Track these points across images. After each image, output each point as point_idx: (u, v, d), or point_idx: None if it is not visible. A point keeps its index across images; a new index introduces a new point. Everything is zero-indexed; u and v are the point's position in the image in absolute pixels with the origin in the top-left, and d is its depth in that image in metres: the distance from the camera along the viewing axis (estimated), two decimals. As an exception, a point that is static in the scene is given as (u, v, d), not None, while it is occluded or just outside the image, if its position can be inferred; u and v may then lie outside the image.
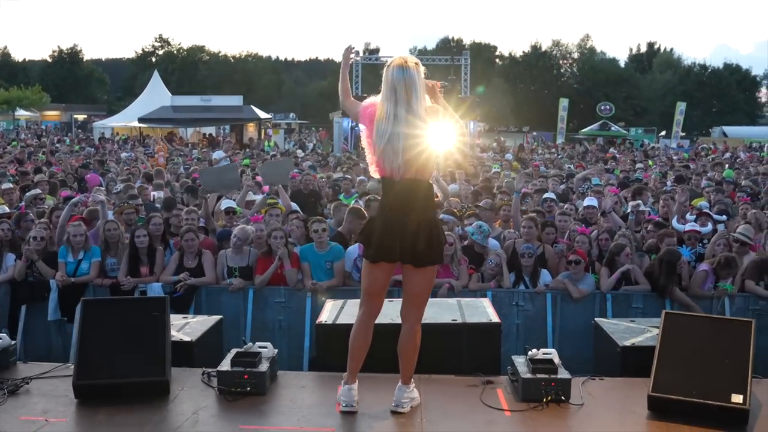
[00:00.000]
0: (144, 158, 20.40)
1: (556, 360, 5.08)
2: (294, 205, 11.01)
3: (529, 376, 4.91)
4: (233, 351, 5.17)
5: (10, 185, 12.48)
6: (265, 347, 5.23)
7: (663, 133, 56.20)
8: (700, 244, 9.46)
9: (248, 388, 4.92)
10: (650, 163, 24.11)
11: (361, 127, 4.73)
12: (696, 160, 26.87)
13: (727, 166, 21.74)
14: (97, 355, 4.92)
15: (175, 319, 5.94)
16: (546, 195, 11.83)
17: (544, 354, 5.11)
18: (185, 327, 6.00)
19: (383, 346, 4.77)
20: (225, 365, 5.05)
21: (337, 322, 5.74)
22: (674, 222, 10.26)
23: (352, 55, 4.97)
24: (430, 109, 4.59)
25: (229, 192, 11.03)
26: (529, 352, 5.10)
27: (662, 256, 8.40)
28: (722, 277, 8.35)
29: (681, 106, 48.82)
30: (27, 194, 11.97)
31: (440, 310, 5.90)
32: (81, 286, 8.35)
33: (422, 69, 4.61)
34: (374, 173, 4.73)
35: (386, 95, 4.52)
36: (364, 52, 59.67)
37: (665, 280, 8.21)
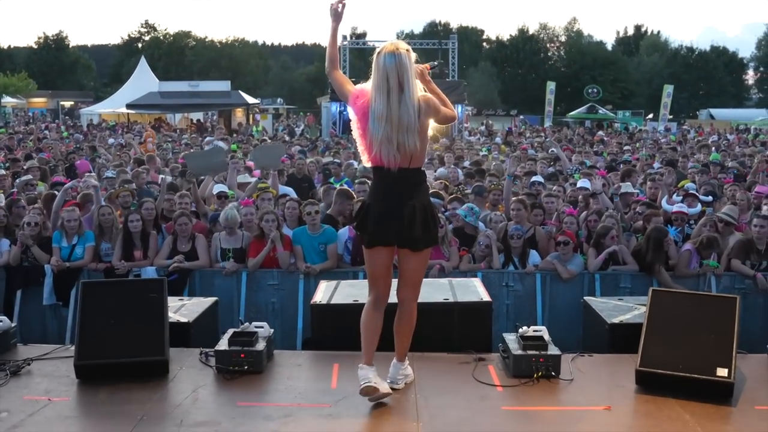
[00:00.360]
0: (136, 144, 20.36)
1: (546, 337, 5.21)
2: (289, 189, 11.09)
3: (520, 352, 5.04)
4: (230, 331, 5.28)
5: (2, 172, 12.50)
6: (262, 327, 5.34)
7: (650, 116, 56.37)
8: (687, 225, 9.58)
9: (245, 367, 5.03)
10: (636, 146, 24.23)
11: (351, 115, 4.67)
12: (683, 142, 27.04)
13: (714, 148, 21.86)
14: (96, 336, 5.02)
15: (172, 301, 6.01)
16: (534, 178, 11.94)
17: (534, 331, 5.23)
18: (182, 309, 6.09)
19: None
20: (222, 345, 5.15)
21: (331, 302, 5.84)
22: (663, 203, 10.38)
23: (339, 8, 4.72)
24: (422, 97, 4.54)
25: (217, 174, 11.09)
26: (520, 330, 5.23)
27: (649, 233, 8.56)
28: (705, 256, 8.49)
29: (668, 89, 48.94)
30: (18, 180, 12.02)
31: (432, 290, 5.98)
32: (75, 270, 8.41)
33: (413, 55, 4.55)
34: (366, 162, 4.70)
35: (378, 84, 4.45)
36: (351, 36, 59.42)
37: (652, 256, 8.36)
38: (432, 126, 4.70)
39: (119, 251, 8.55)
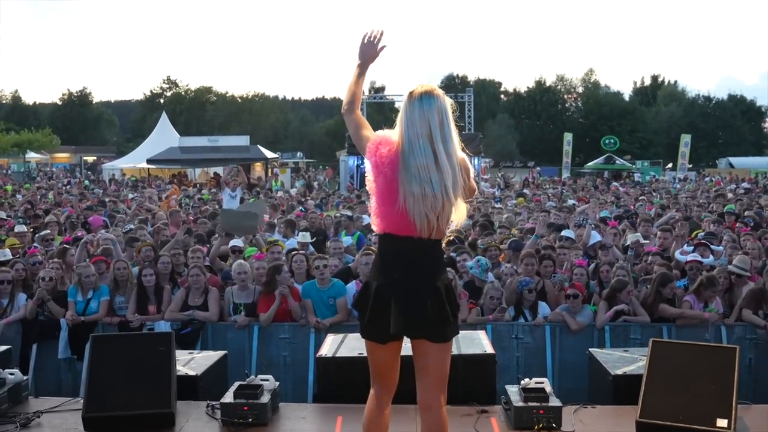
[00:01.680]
0: (155, 201, 20.61)
1: (548, 389, 5.25)
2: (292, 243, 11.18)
3: (521, 404, 5.09)
4: (236, 384, 5.37)
5: (24, 228, 12.75)
6: (267, 380, 5.42)
7: (669, 165, 56.35)
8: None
9: (250, 419, 5.11)
10: (654, 200, 24.17)
11: (368, 166, 3.85)
12: (699, 192, 26.99)
13: (731, 197, 21.83)
14: (105, 389, 5.12)
15: (181, 355, 6.13)
16: (564, 233, 11.70)
17: (536, 383, 5.29)
18: (190, 362, 6.19)
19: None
20: (228, 397, 5.24)
21: (337, 355, 5.92)
22: (677, 254, 10.35)
23: (375, 41, 4.05)
24: (461, 157, 3.83)
25: (245, 235, 11.14)
26: (522, 381, 5.28)
27: (654, 278, 8.63)
28: (707, 297, 8.47)
29: (686, 138, 49.01)
30: (37, 235, 12.28)
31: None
32: (90, 324, 8.52)
33: (451, 102, 3.85)
34: (377, 226, 3.91)
35: (415, 130, 3.70)
36: (370, 90, 60.27)
37: (653, 298, 8.43)
38: None
39: (133, 305, 8.68)
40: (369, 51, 4.05)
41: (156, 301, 8.77)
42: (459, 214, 3.82)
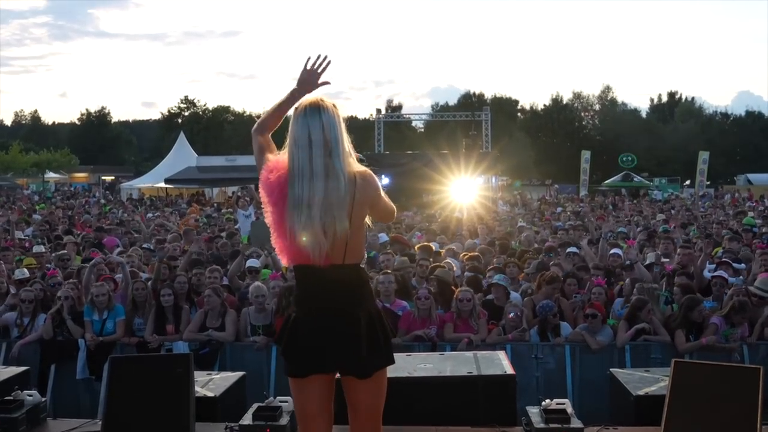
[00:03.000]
0: (174, 220, 20.69)
1: (569, 410, 5.20)
2: None
3: (542, 425, 5.03)
4: (255, 405, 5.34)
5: (42, 248, 12.83)
6: (286, 401, 5.39)
7: (687, 182, 56.09)
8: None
9: (270, 441, 5.07)
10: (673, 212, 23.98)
11: (261, 193, 3.60)
12: (717, 209, 26.75)
13: (750, 214, 21.63)
14: (123, 411, 5.10)
15: (199, 376, 6.10)
16: (569, 249, 11.79)
17: (557, 404, 5.23)
18: (209, 383, 6.16)
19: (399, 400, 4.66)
20: (247, 419, 5.21)
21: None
22: (705, 273, 10.21)
23: (321, 78, 3.74)
24: (360, 172, 3.56)
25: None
26: (543, 403, 5.23)
27: (681, 303, 8.51)
28: (736, 322, 8.35)
29: (704, 155, 48.79)
30: (53, 255, 12.37)
31: (457, 364, 6.02)
32: (109, 345, 8.55)
33: (341, 113, 3.60)
34: (284, 261, 3.68)
35: (297, 144, 3.46)
36: (387, 109, 60.48)
37: (679, 322, 8.34)
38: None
39: (151, 325, 8.70)
40: (309, 79, 3.72)
41: (174, 321, 8.78)
42: (357, 237, 3.57)
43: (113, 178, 68.73)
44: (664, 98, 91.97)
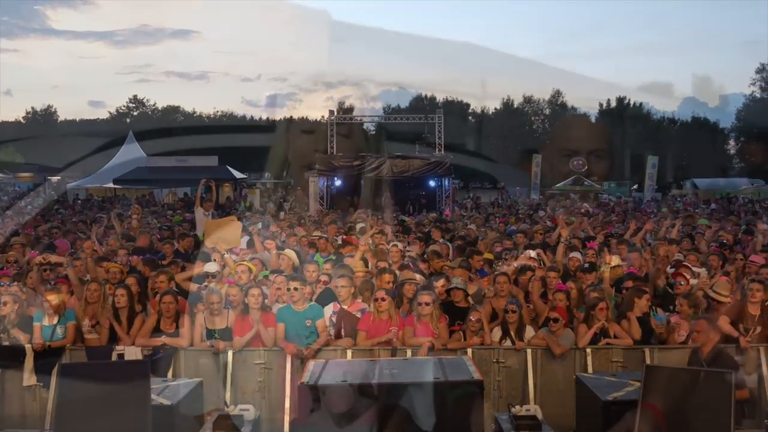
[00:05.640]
0: (117, 223, 20.19)
1: (540, 416, 5.09)
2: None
3: (513, 433, 4.92)
4: (215, 414, 5.14)
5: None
6: (247, 410, 5.20)
7: (635, 186, 56.82)
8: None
9: (230, 452, 4.88)
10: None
11: None
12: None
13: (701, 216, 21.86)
14: (75, 420, 4.86)
15: (155, 383, 5.88)
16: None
17: (526, 410, 5.13)
18: (165, 390, 5.95)
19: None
20: (207, 429, 5.01)
21: (319, 382, 5.70)
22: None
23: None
24: None
25: (229, 246, 10.84)
26: (512, 409, 5.12)
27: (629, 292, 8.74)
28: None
29: (653, 160, 49.48)
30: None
31: (422, 370, 5.87)
32: (57, 350, 8.23)
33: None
34: None
35: None
36: (338, 111, 60.20)
37: (624, 307, 8.54)
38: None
39: (104, 330, 8.41)
40: None
41: (126, 324, 8.50)
42: None
43: (59, 178, 67.32)
44: (613, 103, 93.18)
